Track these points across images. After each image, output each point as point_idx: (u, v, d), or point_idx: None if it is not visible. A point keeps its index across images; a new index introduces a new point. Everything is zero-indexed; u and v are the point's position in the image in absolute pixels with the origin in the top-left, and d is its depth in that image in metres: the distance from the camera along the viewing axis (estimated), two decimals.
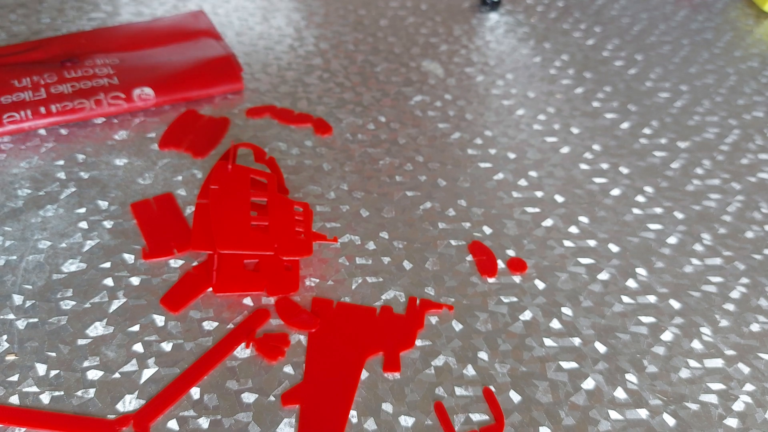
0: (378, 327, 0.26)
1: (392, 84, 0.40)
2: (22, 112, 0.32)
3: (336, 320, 0.26)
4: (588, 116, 0.39)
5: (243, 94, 0.37)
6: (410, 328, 0.26)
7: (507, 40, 0.45)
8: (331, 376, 0.24)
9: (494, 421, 0.23)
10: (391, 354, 0.25)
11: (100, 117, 0.34)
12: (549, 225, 0.31)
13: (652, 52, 0.45)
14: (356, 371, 0.25)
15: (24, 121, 0.32)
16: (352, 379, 0.24)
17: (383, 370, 0.25)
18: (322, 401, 0.24)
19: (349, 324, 0.26)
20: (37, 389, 0.23)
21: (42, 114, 0.33)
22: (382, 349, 0.25)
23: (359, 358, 0.25)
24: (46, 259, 0.27)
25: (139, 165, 0.32)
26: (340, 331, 0.26)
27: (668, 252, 0.31)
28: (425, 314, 0.27)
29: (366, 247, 0.29)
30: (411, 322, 0.26)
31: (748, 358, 0.26)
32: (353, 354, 0.25)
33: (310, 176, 0.33)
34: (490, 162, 0.35)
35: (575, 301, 0.28)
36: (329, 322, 0.26)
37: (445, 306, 0.27)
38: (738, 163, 0.36)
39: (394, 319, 0.27)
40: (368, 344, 0.26)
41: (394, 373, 0.25)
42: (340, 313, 0.27)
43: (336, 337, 0.26)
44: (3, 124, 0.32)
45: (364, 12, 0.47)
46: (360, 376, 0.25)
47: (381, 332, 0.26)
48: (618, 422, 0.24)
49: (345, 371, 0.25)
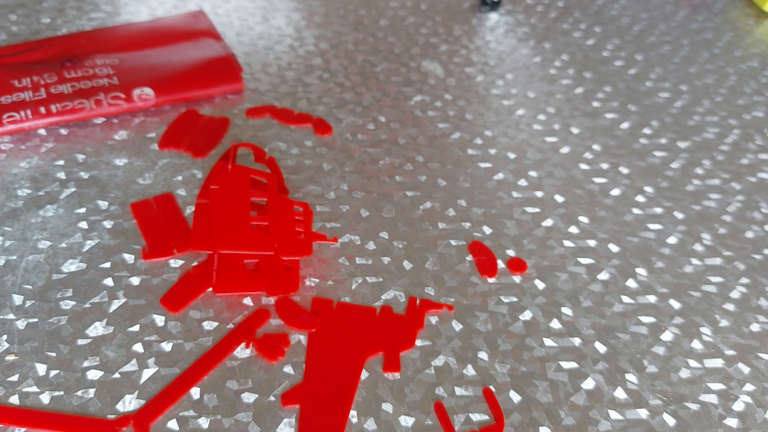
0: (378, 327, 0.26)
1: (392, 84, 0.40)
2: (22, 112, 0.32)
3: (336, 320, 0.26)
4: (588, 116, 0.39)
5: (243, 94, 0.37)
6: (410, 328, 0.26)
7: (507, 40, 0.45)
8: (331, 376, 0.24)
9: (494, 421, 0.23)
10: (391, 354, 0.25)
11: (100, 117, 0.34)
12: (549, 225, 0.31)
13: (652, 52, 0.45)
14: (356, 371, 0.25)
15: (24, 121, 0.32)
16: (352, 379, 0.24)
17: (383, 370, 0.25)
18: (322, 401, 0.24)
19: (349, 324, 0.26)
20: (37, 389, 0.23)
21: (42, 114, 0.33)
22: (382, 349, 0.25)
23: (359, 358, 0.25)
24: (46, 259, 0.27)
25: (139, 165, 0.32)
26: (340, 331, 0.26)
27: (668, 252, 0.31)
28: (425, 314, 0.27)
29: (366, 247, 0.29)
30: (411, 322, 0.26)
31: (748, 358, 0.26)
32: (353, 354, 0.25)
33: (310, 176, 0.33)
34: (490, 162, 0.35)
35: (575, 301, 0.28)
36: (329, 322, 0.26)
37: (445, 306, 0.27)
38: (738, 163, 0.37)
39: (394, 319, 0.27)
40: (368, 344, 0.26)
41: (394, 373, 0.25)
42: (340, 313, 0.27)
43: (336, 337, 0.26)
44: (3, 124, 0.32)
45: (364, 12, 0.47)
46: (360, 376, 0.24)
47: (381, 332, 0.26)
48: (618, 422, 0.24)
49: (345, 371, 0.25)
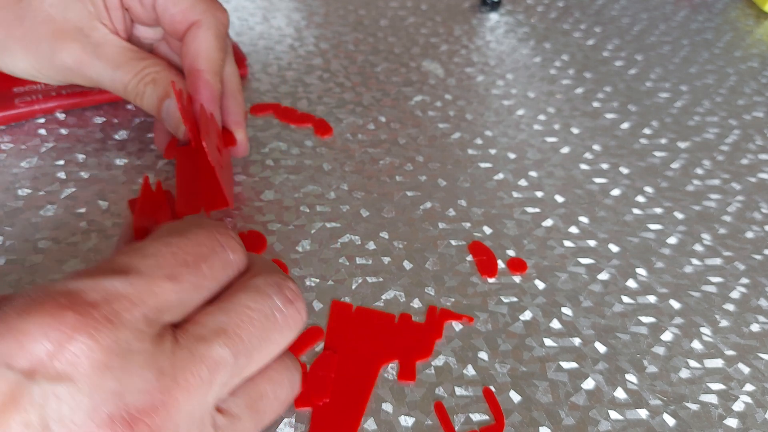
0: (396, 334, 0.26)
1: (392, 84, 0.40)
2: (33, 95, 0.34)
3: (354, 325, 0.26)
4: (588, 116, 0.39)
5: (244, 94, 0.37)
6: (428, 338, 0.26)
7: (507, 40, 0.45)
8: (345, 381, 0.24)
9: (494, 421, 0.23)
10: (407, 363, 0.25)
11: (109, 101, 0.35)
12: (549, 225, 0.31)
13: (652, 52, 0.45)
14: (371, 377, 0.24)
15: (35, 103, 0.33)
16: (366, 385, 0.24)
17: (398, 379, 0.24)
18: (335, 405, 0.23)
19: (367, 329, 0.26)
20: None
21: (52, 96, 0.34)
22: (398, 357, 0.25)
23: (375, 364, 0.25)
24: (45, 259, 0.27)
25: (139, 165, 0.32)
26: (357, 336, 0.26)
27: (668, 252, 0.31)
28: (444, 324, 0.26)
29: (366, 247, 0.29)
30: (430, 331, 0.26)
31: (748, 358, 0.26)
32: (369, 360, 0.25)
33: (310, 176, 0.33)
34: (490, 162, 0.35)
35: (575, 301, 0.28)
36: (346, 327, 0.26)
37: (465, 317, 0.27)
38: (738, 163, 0.37)
39: (412, 327, 0.26)
40: (385, 351, 0.25)
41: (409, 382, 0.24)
42: (359, 317, 0.26)
43: (353, 341, 0.25)
44: (16, 106, 0.33)
45: (364, 12, 0.47)
46: (375, 382, 0.24)
47: (398, 340, 0.26)
48: (618, 422, 0.24)
49: (359, 377, 0.24)
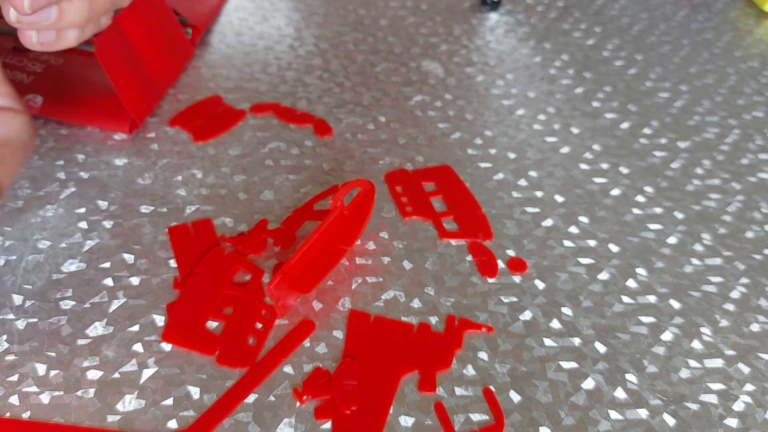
0: (415, 344, 0.25)
1: (392, 84, 0.40)
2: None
3: (372, 334, 0.26)
4: (588, 116, 0.39)
5: (243, 94, 0.37)
6: (448, 348, 0.25)
7: (507, 40, 0.45)
8: (365, 392, 0.24)
9: (494, 421, 0.23)
10: (427, 374, 0.25)
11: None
12: (549, 225, 0.31)
13: (652, 52, 0.45)
14: (391, 388, 0.24)
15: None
16: (386, 395, 0.24)
17: (418, 390, 0.24)
18: (356, 416, 0.23)
19: (386, 339, 0.25)
20: (37, 389, 0.23)
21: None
22: (417, 367, 0.25)
23: (395, 375, 0.24)
24: (45, 259, 0.27)
25: (139, 165, 0.32)
26: (376, 345, 0.25)
27: (668, 252, 0.31)
28: (463, 334, 0.26)
29: (366, 247, 0.29)
30: (449, 341, 0.26)
31: (748, 358, 0.26)
32: (389, 370, 0.24)
33: (310, 176, 0.33)
34: (490, 162, 0.35)
35: (575, 301, 0.28)
36: (365, 336, 0.25)
37: (485, 326, 0.26)
38: (738, 163, 0.36)
39: (431, 337, 0.26)
40: (404, 362, 0.25)
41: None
42: (377, 327, 0.26)
43: (372, 351, 0.25)
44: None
45: (364, 12, 0.47)
46: (395, 394, 0.24)
47: (417, 350, 0.25)
48: (618, 422, 0.24)
49: (380, 387, 0.24)
